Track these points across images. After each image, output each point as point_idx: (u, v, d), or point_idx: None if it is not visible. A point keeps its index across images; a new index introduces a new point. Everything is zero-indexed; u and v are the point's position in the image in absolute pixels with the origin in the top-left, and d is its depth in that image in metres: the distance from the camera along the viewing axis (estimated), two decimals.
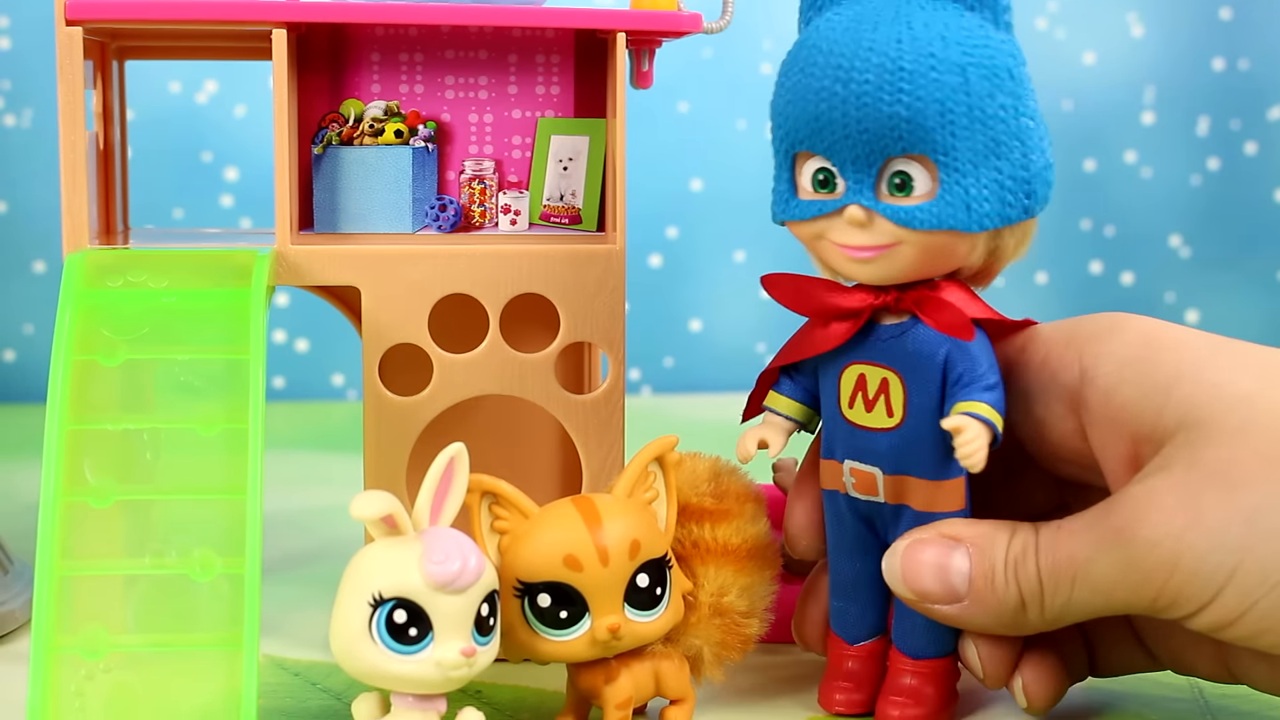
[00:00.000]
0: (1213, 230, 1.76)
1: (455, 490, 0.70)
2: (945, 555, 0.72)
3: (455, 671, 0.66)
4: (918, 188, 0.69)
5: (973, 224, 0.69)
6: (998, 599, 0.71)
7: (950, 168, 0.69)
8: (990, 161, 0.69)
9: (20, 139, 1.60)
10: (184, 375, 0.74)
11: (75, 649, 0.68)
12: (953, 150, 0.68)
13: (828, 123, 0.69)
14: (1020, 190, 0.70)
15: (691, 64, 1.67)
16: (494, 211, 0.86)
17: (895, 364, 0.72)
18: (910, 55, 0.68)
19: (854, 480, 0.74)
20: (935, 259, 0.71)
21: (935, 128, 0.68)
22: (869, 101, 0.68)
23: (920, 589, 0.72)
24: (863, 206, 0.70)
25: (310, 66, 0.85)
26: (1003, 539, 0.71)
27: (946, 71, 0.68)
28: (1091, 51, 1.73)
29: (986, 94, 0.68)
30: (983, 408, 0.70)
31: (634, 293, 1.55)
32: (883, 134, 0.68)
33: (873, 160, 0.69)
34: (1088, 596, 0.69)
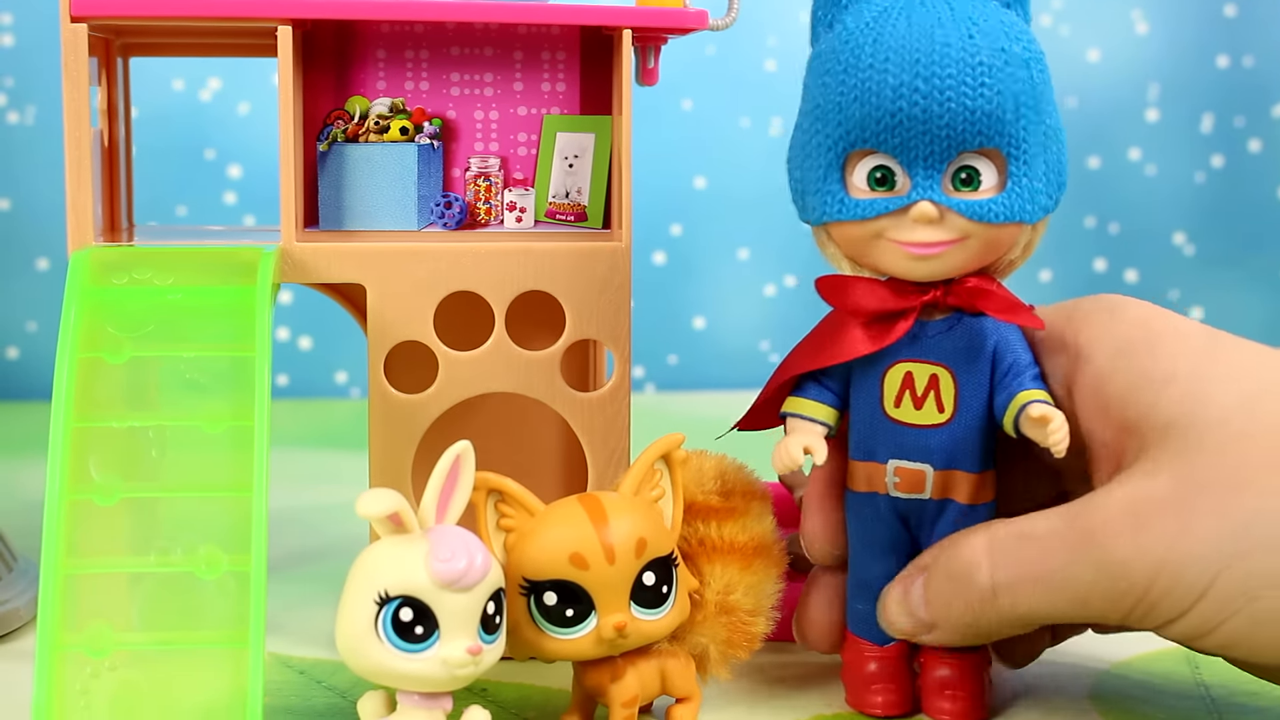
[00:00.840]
0: (1217, 228, 1.76)
1: (461, 488, 0.69)
2: (906, 588, 0.73)
3: (461, 670, 0.66)
4: (985, 181, 0.70)
5: (1034, 214, 0.71)
6: (948, 618, 0.71)
7: (1020, 160, 0.70)
8: (1044, 154, 0.71)
9: (24, 136, 1.60)
10: (189, 372, 0.74)
11: (80, 647, 0.68)
12: (1023, 143, 0.70)
13: (906, 119, 0.69)
14: (1058, 180, 0.72)
15: (695, 61, 1.67)
16: (499, 209, 0.86)
17: (945, 359, 0.73)
18: (986, 50, 0.69)
19: (898, 480, 0.74)
20: (994, 252, 0.72)
21: (1011, 121, 0.69)
22: (951, 96, 0.69)
23: (897, 628, 0.73)
24: (934, 202, 0.70)
25: (315, 63, 0.85)
26: (952, 555, 0.71)
27: (1018, 66, 0.69)
28: (1096, 48, 1.73)
29: (1044, 87, 0.70)
30: (1044, 394, 0.71)
31: (638, 290, 1.54)
32: (963, 129, 0.69)
33: (946, 156, 0.70)
34: (1058, 602, 0.69)
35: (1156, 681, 0.81)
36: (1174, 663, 0.84)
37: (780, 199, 1.70)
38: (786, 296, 1.71)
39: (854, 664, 0.77)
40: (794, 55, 1.68)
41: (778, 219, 1.66)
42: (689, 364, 1.72)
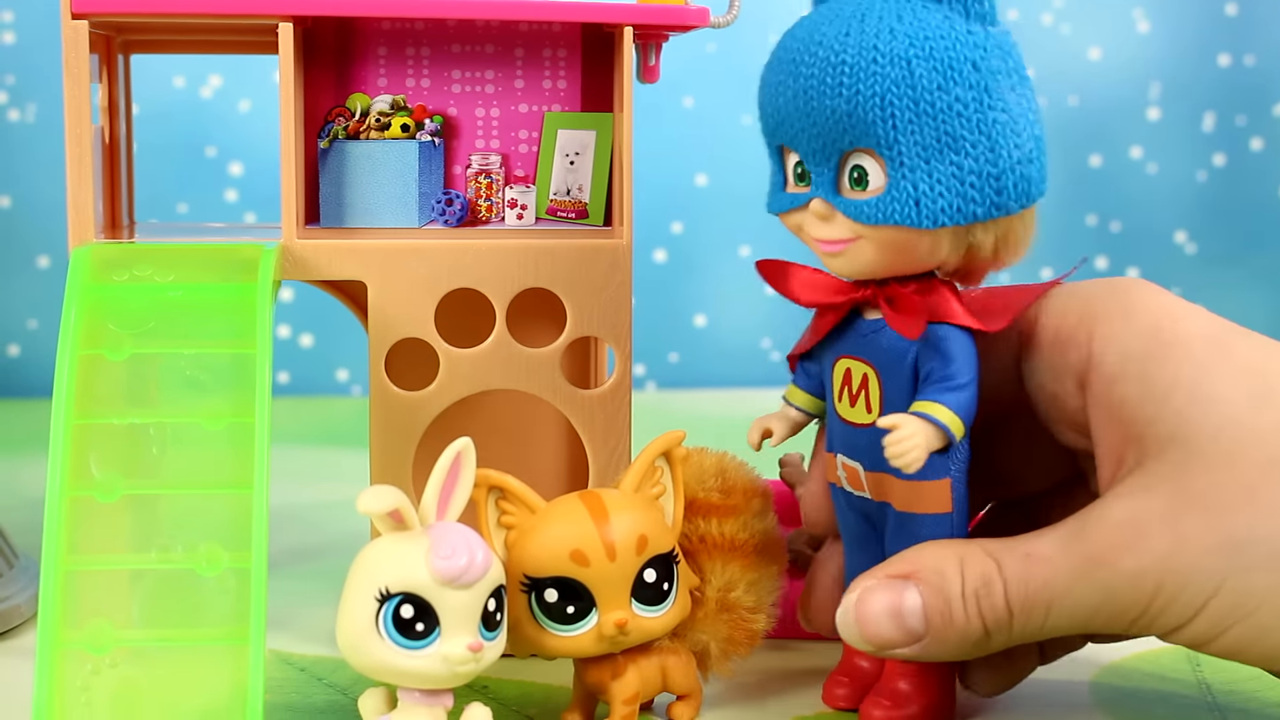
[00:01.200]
0: (1218, 226, 1.76)
1: (462, 485, 0.69)
2: (897, 598, 0.70)
3: (462, 667, 0.66)
4: (871, 182, 0.69)
5: (923, 220, 0.68)
6: (958, 632, 0.69)
7: (896, 162, 0.68)
8: (946, 156, 0.68)
9: (24, 133, 1.60)
10: (190, 370, 0.74)
11: (81, 644, 0.68)
12: (896, 144, 0.68)
13: (785, 116, 0.70)
14: (986, 186, 0.68)
15: (696, 59, 1.66)
16: (500, 206, 0.86)
17: (872, 359, 0.72)
18: (854, 49, 0.68)
19: (845, 474, 0.74)
20: (897, 255, 0.70)
21: (876, 121, 0.67)
22: (814, 95, 0.68)
23: (880, 640, 0.71)
24: (823, 200, 0.70)
25: (316, 60, 0.85)
26: (954, 570, 0.70)
27: (889, 64, 0.67)
28: (1097, 47, 1.73)
29: (936, 87, 0.67)
30: (936, 408, 0.69)
31: (639, 288, 1.54)
32: (829, 127, 0.68)
33: (829, 154, 0.69)
34: (1064, 622, 0.68)
35: (1157, 679, 0.81)
36: (1174, 660, 0.84)
37: None
38: None
39: (844, 654, 0.78)
40: None
41: None
42: (690, 362, 1.72)
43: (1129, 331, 0.70)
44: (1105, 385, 0.70)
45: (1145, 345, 0.69)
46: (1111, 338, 0.70)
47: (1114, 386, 0.69)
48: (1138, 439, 0.68)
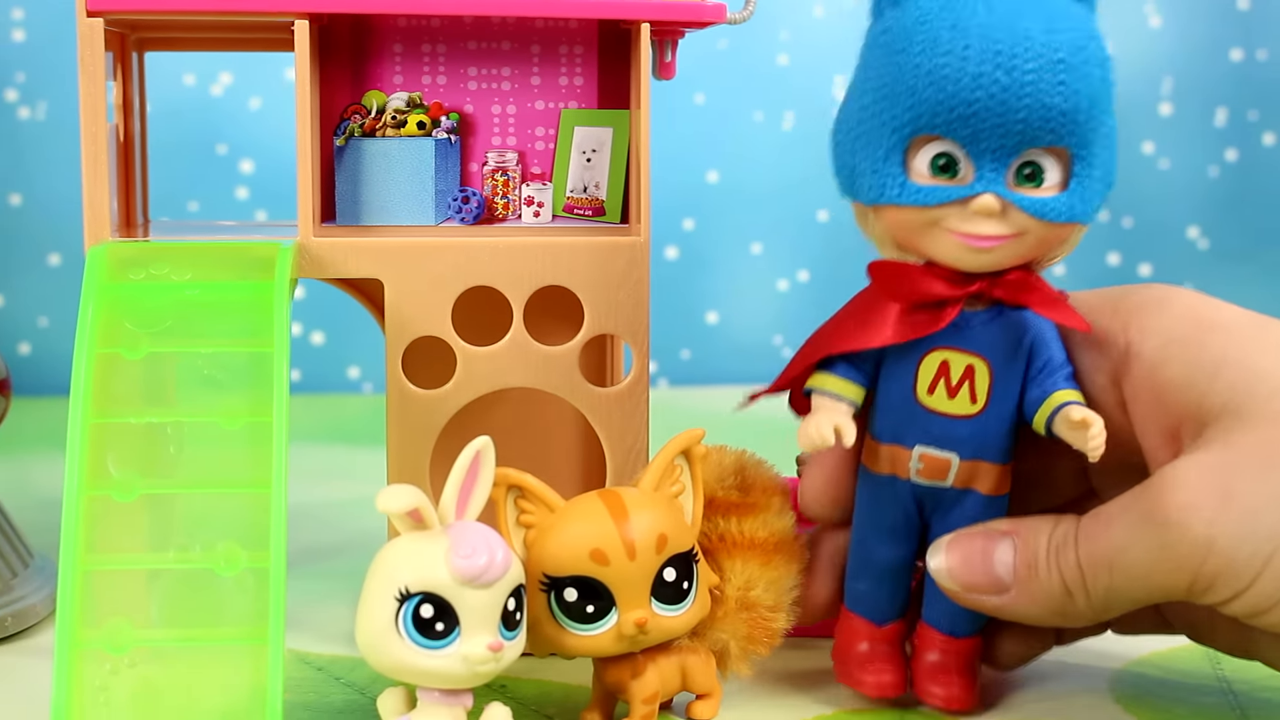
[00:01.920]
0: (1231, 222, 1.76)
1: (481, 484, 0.69)
2: (991, 547, 0.72)
3: (482, 666, 0.66)
4: (1048, 179, 0.70)
5: (1090, 215, 0.71)
6: (1041, 588, 0.70)
7: (1085, 160, 0.69)
8: (1105, 153, 0.70)
9: (35, 132, 1.60)
10: (207, 368, 0.74)
11: (99, 644, 0.68)
12: (1090, 144, 0.69)
13: (982, 109, 0.68)
14: (1109, 179, 0.71)
15: (708, 56, 1.66)
16: (517, 203, 0.86)
17: (984, 350, 0.72)
18: (1067, 47, 0.68)
19: (922, 466, 0.74)
20: (1046, 248, 0.71)
21: (1084, 121, 0.68)
22: (1031, 91, 0.67)
23: (969, 581, 0.72)
24: (998, 196, 0.69)
25: (332, 58, 0.85)
26: (1046, 528, 0.71)
27: (1094, 65, 0.68)
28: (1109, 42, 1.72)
29: (1112, 87, 0.70)
30: (1079, 395, 0.71)
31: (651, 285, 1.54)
32: (1037, 124, 0.68)
33: (1015, 150, 0.69)
34: (1127, 583, 0.68)
35: (1177, 676, 0.81)
36: (1193, 657, 0.84)
37: (794, 193, 1.70)
38: (799, 291, 1.70)
39: (846, 641, 0.77)
40: (807, 49, 1.68)
41: (791, 213, 1.66)
42: (702, 359, 1.71)
43: (1168, 318, 0.71)
44: (1148, 372, 0.70)
45: (1186, 329, 0.70)
46: (1149, 327, 0.71)
47: (1158, 371, 0.70)
48: (1193, 415, 0.68)
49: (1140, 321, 0.71)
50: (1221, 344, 0.69)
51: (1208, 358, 0.69)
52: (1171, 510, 0.66)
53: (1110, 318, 0.72)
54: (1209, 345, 0.69)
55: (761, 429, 0.78)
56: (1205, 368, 0.68)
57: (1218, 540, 0.66)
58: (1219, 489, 0.66)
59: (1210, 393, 0.68)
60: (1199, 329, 0.70)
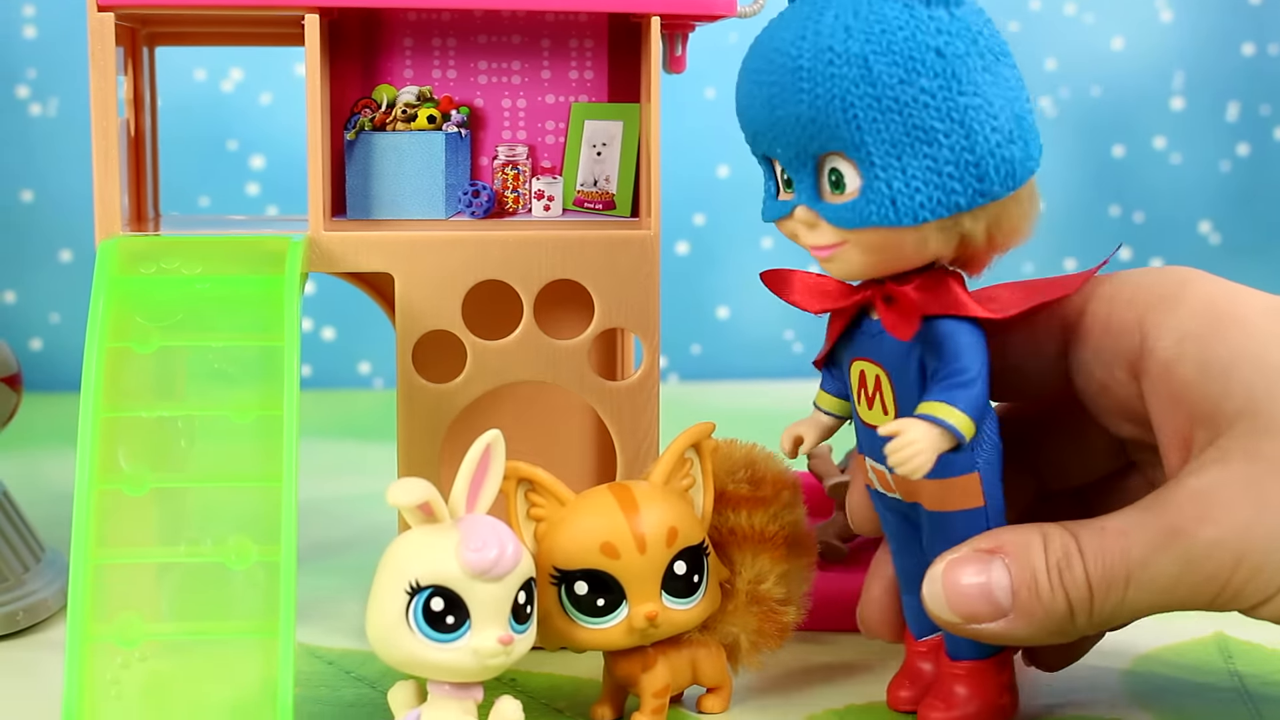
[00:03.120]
0: (1242, 216, 1.75)
1: (491, 477, 0.69)
2: (984, 572, 0.69)
3: (492, 660, 0.66)
4: (848, 185, 0.67)
5: (903, 218, 0.66)
6: (1044, 609, 0.68)
7: (867, 163, 0.66)
8: (919, 150, 0.66)
9: (46, 128, 1.60)
10: (218, 362, 0.74)
11: (111, 637, 0.68)
12: (864, 145, 0.66)
13: (758, 126, 0.68)
14: (966, 174, 0.66)
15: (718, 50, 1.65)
16: (527, 197, 0.86)
17: (881, 360, 0.71)
18: (809, 52, 0.66)
19: (875, 477, 0.73)
20: (885, 255, 0.68)
21: (839, 124, 0.66)
22: (778, 103, 0.67)
23: (968, 612, 0.69)
24: (806, 207, 0.69)
25: (342, 52, 0.85)
26: (1037, 545, 0.68)
27: (845, 65, 0.65)
28: (1120, 37, 1.72)
29: (898, 81, 0.65)
30: (941, 408, 0.67)
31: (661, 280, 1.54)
32: (797, 134, 0.67)
33: (804, 160, 0.68)
34: (1143, 598, 0.67)
35: (1190, 671, 0.81)
36: (1206, 652, 0.83)
37: None
38: None
39: (906, 655, 0.77)
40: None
41: None
42: (712, 354, 1.71)
43: (1183, 314, 0.69)
44: (1162, 370, 0.69)
45: (1200, 326, 0.69)
46: (1164, 323, 0.69)
47: (1173, 370, 0.69)
48: (1207, 418, 0.67)
49: (1156, 317, 0.70)
50: (1237, 339, 0.68)
51: (1222, 356, 0.67)
52: (1200, 526, 0.65)
53: (1127, 310, 0.71)
54: (1224, 341, 0.68)
55: (772, 423, 0.77)
56: (1220, 366, 0.67)
57: (1249, 554, 0.65)
58: (1249, 502, 0.65)
59: (1225, 394, 0.67)
60: (1215, 323, 0.68)
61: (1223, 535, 0.65)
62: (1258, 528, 0.65)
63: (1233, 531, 0.65)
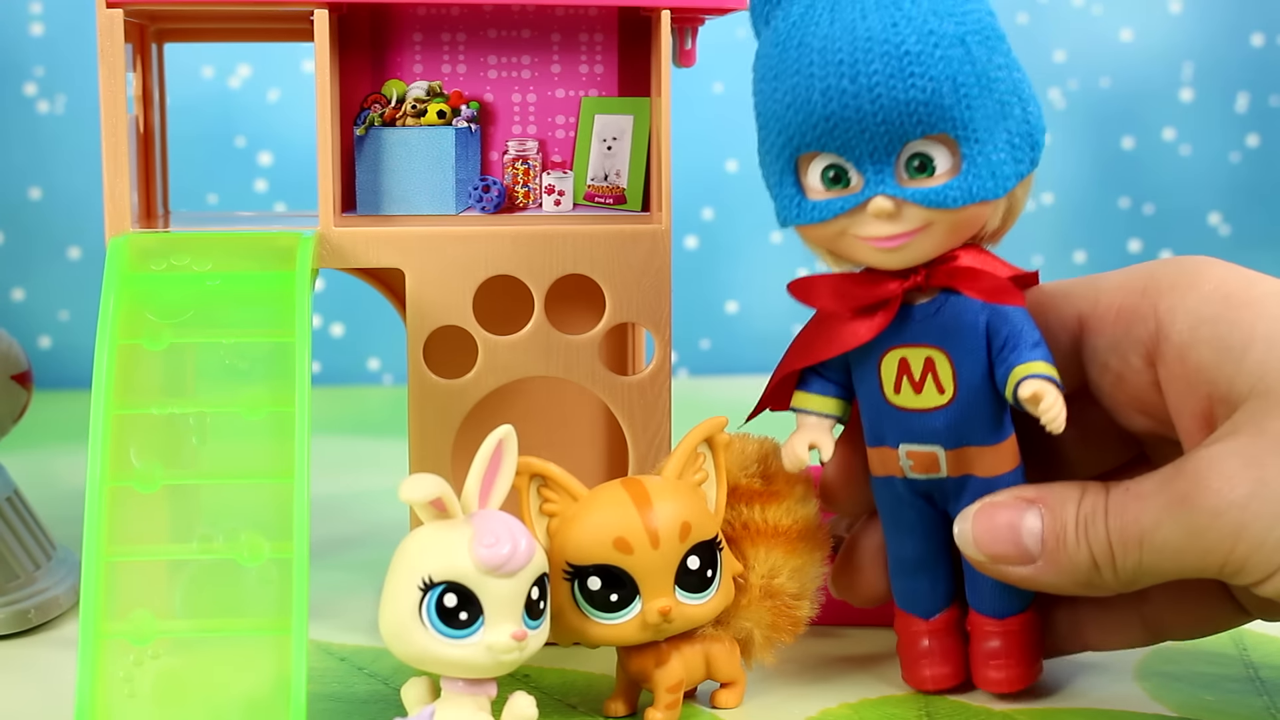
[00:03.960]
0: (1252, 208, 1.75)
1: (504, 473, 0.69)
2: (1018, 516, 0.71)
3: (506, 655, 0.66)
4: (939, 166, 0.69)
5: (999, 190, 0.69)
6: (1069, 559, 0.70)
7: (971, 140, 0.68)
8: (1001, 124, 0.69)
9: (54, 125, 1.60)
10: (229, 359, 0.74)
11: (123, 635, 0.68)
12: (970, 123, 0.68)
13: (840, 121, 0.68)
14: (1026, 144, 0.70)
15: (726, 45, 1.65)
16: (538, 192, 0.85)
17: (938, 341, 0.72)
18: (912, 37, 0.67)
19: (912, 463, 0.73)
20: (963, 232, 0.70)
21: (952, 105, 0.67)
22: (882, 92, 0.67)
23: (994, 552, 0.71)
24: (889, 196, 0.69)
25: (351, 47, 0.85)
26: (1074, 498, 0.70)
27: (949, 45, 0.67)
28: (1129, 28, 1.72)
29: (986, 59, 0.68)
30: (1042, 365, 0.70)
31: None
32: (901, 121, 0.68)
33: (891, 149, 0.68)
34: (1157, 561, 0.68)
35: (1204, 661, 0.81)
36: (1219, 642, 0.83)
37: None
38: None
39: (906, 639, 0.77)
40: None
41: None
42: (722, 348, 1.71)
43: (1197, 298, 0.70)
44: (1178, 354, 0.70)
45: (1215, 309, 0.69)
46: (1179, 307, 0.70)
47: (1188, 354, 0.69)
48: (1223, 398, 0.68)
49: (1170, 302, 0.70)
50: (1251, 321, 0.68)
51: (1237, 337, 0.68)
52: (1204, 497, 0.66)
53: (1140, 298, 0.71)
54: (1238, 324, 0.68)
55: (781, 418, 0.77)
56: (1234, 349, 0.68)
57: (1249, 526, 0.65)
58: (1251, 476, 0.65)
59: (1239, 374, 0.67)
60: (1228, 307, 0.69)
61: (1222, 506, 0.65)
62: (1255, 503, 0.65)
63: (1232, 503, 0.65)
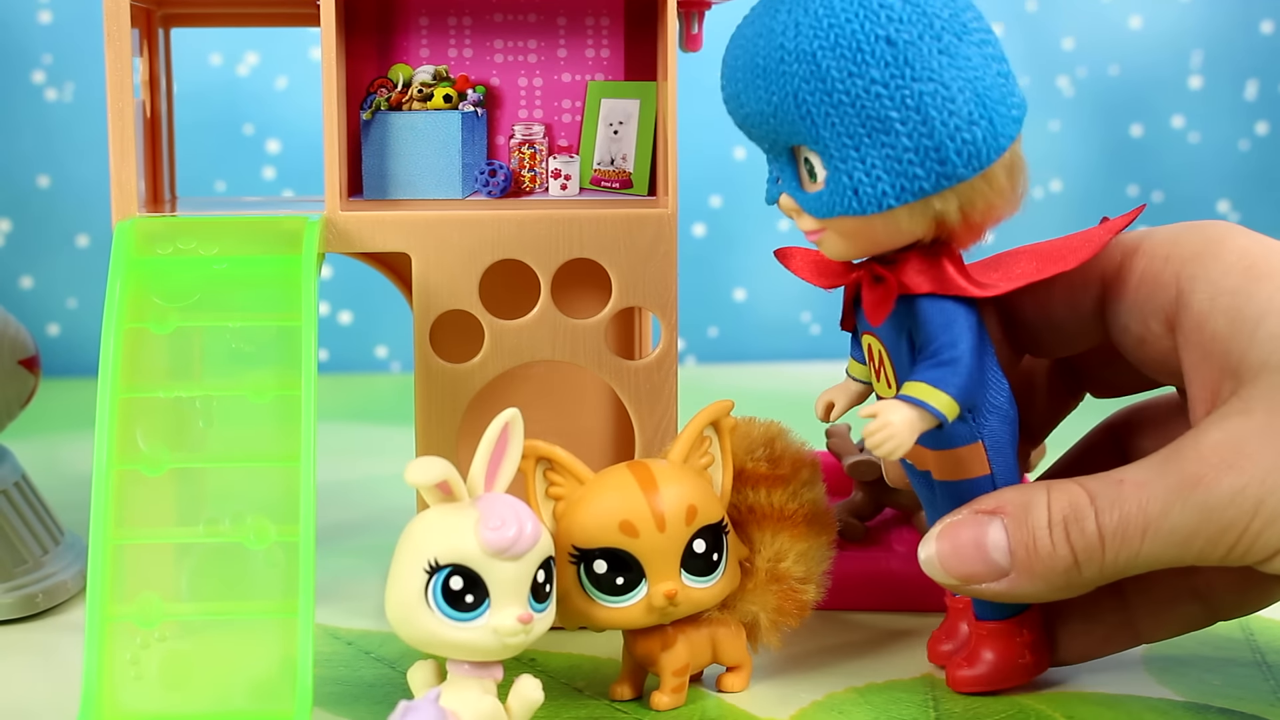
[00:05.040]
0: (1261, 195, 1.75)
1: (510, 456, 0.69)
2: (981, 532, 0.70)
3: (512, 638, 0.66)
4: (818, 176, 0.69)
5: (867, 206, 0.67)
6: (1044, 565, 0.69)
7: (827, 155, 0.67)
8: (876, 139, 0.66)
9: (62, 113, 1.60)
10: (235, 342, 0.74)
11: (130, 617, 0.68)
12: (821, 139, 0.67)
13: (736, 119, 0.71)
14: (928, 159, 0.66)
15: None
16: (544, 176, 0.85)
17: (881, 334, 0.72)
18: (764, 51, 0.68)
19: None
20: (861, 240, 0.70)
21: (795, 119, 0.67)
22: (744, 100, 0.69)
23: (963, 573, 0.70)
24: (788, 195, 0.70)
25: (358, 32, 0.85)
26: (1040, 502, 0.69)
27: (795, 62, 0.67)
28: (1138, 15, 1.71)
29: (847, 75, 0.66)
30: (920, 388, 0.68)
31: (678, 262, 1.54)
32: (764, 129, 0.69)
33: (779, 151, 0.70)
34: (1158, 550, 0.67)
35: (1210, 647, 0.81)
36: (1226, 628, 0.83)
37: None
38: None
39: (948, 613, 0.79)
40: None
41: None
42: (730, 336, 1.71)
43: (1218, 269, 0.69)
44: (1196, 324, 0.69)
45: (1235, 281, 0.69)
46: (1200, 276, 0.70)
47: (1205, 323, 0.69)
48: (1233, 371, 0.68)
49: (1192, 270, 0.70)
50: (1268, 295, 0.68)
51: (1253, 309, 0.68)
52: (1219, 476, 0.65)
53: (1163, 264, 0.71)
54: (1255, 296, 0.68)
55: (789, 405, 0.77)
56: (1249, 320, 0.67)
57: (1266, 503, 0.65)
58: (1271, 453, 0.65)
59: (1252, 347, 0.67)
60: (1249, 279, 0.69)
61: (1244, 483, 0.65)
62: (1273, 480, 0.65)
63: (1254, 480, 0.65)
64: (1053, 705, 0.74)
